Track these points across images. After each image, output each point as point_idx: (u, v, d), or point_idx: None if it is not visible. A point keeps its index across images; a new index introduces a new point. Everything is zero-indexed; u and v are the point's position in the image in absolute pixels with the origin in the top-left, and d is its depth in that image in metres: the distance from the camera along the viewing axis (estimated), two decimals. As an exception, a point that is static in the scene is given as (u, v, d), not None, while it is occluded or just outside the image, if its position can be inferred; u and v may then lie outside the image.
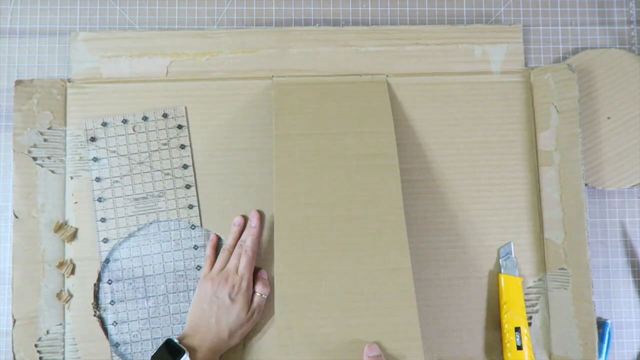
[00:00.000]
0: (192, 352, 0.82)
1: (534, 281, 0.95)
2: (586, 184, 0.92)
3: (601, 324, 0.93)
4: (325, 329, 0.79)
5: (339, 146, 0.89)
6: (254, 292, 0.89)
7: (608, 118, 0.96)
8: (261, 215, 0.94)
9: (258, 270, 0.93)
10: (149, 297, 0.94)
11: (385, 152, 0.88)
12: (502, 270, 0.92)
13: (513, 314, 0.90)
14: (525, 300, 0.94)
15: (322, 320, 0.79)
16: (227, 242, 0.92)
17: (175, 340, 0.82)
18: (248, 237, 0.91)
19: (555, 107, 0.94)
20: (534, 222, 0.96)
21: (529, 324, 0.94)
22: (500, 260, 0.93)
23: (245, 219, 0.94)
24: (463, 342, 0.93)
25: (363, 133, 0.90)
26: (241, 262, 0.89)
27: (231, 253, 0.91)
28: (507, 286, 0.91)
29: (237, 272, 0.88)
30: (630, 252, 0.97)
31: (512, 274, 0.92)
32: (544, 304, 0.94)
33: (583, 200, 0.90)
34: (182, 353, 0.80)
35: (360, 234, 0.84)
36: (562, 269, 0.92)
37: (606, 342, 0.94)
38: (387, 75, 0.98)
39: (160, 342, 0.90)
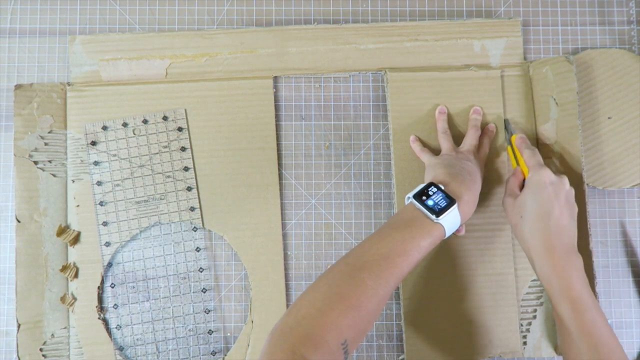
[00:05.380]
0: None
1: (538, 274, 0.95)
2: (586, 184, 0.92)
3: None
4: (442, 325, 0.94)
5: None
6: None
7: (609, 118, 0.96)
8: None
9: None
10: (152, 299, 0.94)
11: (498, 161, 0.98)
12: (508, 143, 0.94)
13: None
14: (530, 293, 0.94)
15: (440, 318, 0.94)
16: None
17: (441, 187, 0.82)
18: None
19: (555, 99, 0.94)
20: (536, 216, 0.96)
21: (534, 317, 0.94)
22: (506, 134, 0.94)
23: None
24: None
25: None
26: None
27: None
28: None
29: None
30: (630, 252, 0.97)
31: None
32: (548, 297, 0.94)
33: (584, 193, 0.91)
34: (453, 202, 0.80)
35: (472, 242, 0.95)
36: (564, 261, 0.93)
37: (606, 341, 0.95)
38: (385, 71, 0.98)
39: (164, 344, 0.92)
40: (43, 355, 0.92)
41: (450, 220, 0.79)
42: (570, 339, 0.77)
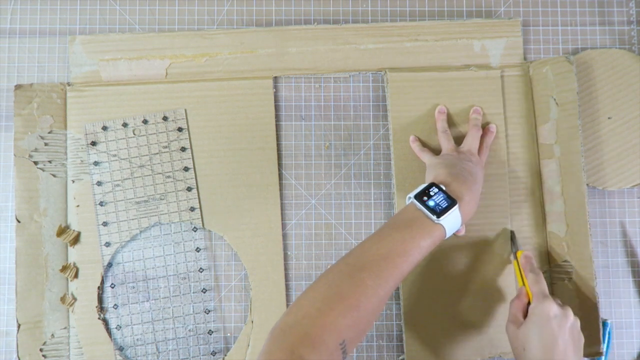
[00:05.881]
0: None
1: (538, 274, 0.95)
2: (587, 184, 0.92)
3: (601, 324, 0.93)
4: (442, 325, 0.94)
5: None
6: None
7: (609, 118, 0.96)
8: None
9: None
10: (152, 300, 0.94)
11: (498, 162, 0.97)
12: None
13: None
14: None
15: (440, 318, 0.94)
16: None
17: (443, 187, 0.82)
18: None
19: (555, 99, 0.94)
20: (537, 215, 0.96)
21: None
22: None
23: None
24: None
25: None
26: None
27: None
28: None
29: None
30: (630, 252, 0.97)
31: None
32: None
33: (584, 193, 0.90)
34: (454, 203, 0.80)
35: (472, 242, 0.96)
36: (565, 261, 0.93)
37: (606, 342, 0.94)
38: (385, 71, 0.98)
39: (164, 344, 0.92)
40: (43, 356, 0.92)
41: (451, 221, 0.79)
42: None
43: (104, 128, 0.95)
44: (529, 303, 0.85)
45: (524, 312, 0.85)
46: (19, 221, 0.93)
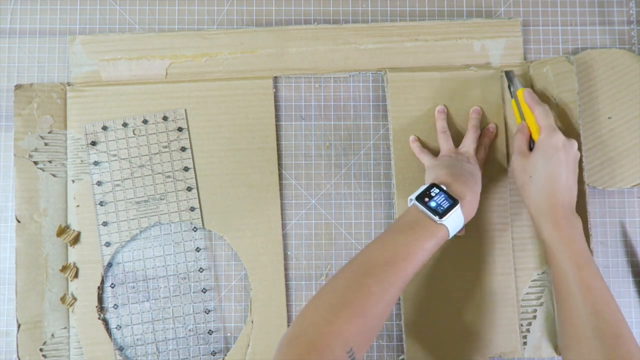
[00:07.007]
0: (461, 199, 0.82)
1: (538, 274, 0.95)
2: (587, 184, 0.92)
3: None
4: (442, 325, 0.93)
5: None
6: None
7: (609, 118, 0.96)
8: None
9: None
10: (152, 299, 0.94)
11: (498, 162, 0.97)
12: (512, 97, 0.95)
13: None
14: (530, 293, 0.94)
15: (440, 318, 0.94)
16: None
17: (444, 187, 0.82)
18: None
19: (555, 99, 0.94)
20: (537, 216, 0.96)
21: (534, 317, 0.94)
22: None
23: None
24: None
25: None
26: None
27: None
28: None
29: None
30: (630, 252, 0.97)
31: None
32: (548, 297, 0.94)
33: (584, 193, 0.91)
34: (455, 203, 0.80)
35: (472, 242, 0.95)
36: (565, 261, 0.93)
37: (606, 342, 0.95)
38: (385, 71, 0.98)
39: (164, 344, 0.92)
40: (43, 355, 0.92)
41: (454, 221, 0.79)
42: (567, 293, 0.79)
43: (104, 128, 0.95)
44: (530, 138, 0.90)
45: (528, 145, 0.89)
46: (19, 221, 0.93)
